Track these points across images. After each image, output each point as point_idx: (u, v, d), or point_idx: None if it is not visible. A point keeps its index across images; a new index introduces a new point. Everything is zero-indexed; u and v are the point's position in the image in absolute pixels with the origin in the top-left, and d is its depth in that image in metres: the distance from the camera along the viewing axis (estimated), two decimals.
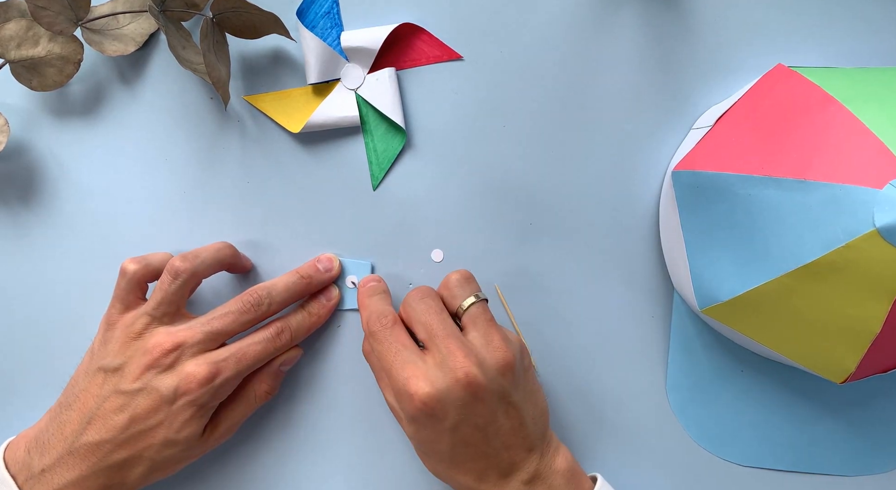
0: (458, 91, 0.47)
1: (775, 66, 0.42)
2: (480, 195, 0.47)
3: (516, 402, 0.39)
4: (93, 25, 0.46)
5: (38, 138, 0.48)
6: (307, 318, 0.45)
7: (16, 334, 0.48)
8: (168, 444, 0.40)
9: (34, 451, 0.41)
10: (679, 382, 0.47)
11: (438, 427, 0.38)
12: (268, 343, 0.42)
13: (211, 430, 0.43)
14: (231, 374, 0.41)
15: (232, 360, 0.41)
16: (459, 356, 0.37)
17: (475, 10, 0.47)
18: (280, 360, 0.44)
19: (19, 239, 0.48)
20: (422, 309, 0.40)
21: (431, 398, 0.37)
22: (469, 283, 0.42)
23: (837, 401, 0.46)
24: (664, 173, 0.47)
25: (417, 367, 0.38)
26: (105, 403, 0.40)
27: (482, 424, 0.38)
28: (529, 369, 0.42)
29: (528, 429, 0.39)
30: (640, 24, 0.46)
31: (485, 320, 0.40)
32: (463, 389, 0.37)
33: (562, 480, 0.40)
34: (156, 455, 0.40)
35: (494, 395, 0.38)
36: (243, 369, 0.41)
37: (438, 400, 0.37)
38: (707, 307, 0.41)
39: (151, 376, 0.40)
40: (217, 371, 0.40)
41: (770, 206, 0.37)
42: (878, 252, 0.33)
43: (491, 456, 0.39)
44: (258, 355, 0.42)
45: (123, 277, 0.43)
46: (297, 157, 0.48)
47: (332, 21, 0.47)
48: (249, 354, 0.42)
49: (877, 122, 0.35)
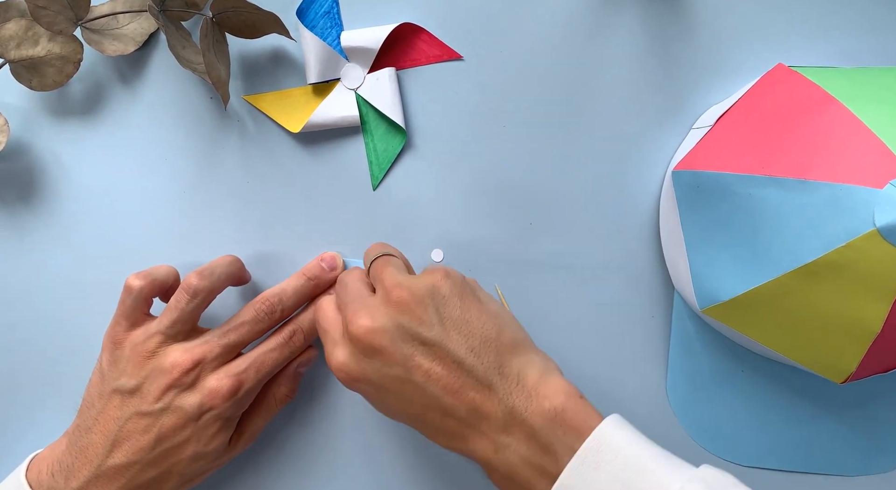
0: (458, 91, 0.47)
1: (775, 65, 0.42)
2: (480, 195, 0.47)
3: (433, 338, 0.35)
4: (92, 25, 0.46)
5: (37, 138, 0.48)
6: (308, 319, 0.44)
7: (16, 334, 0.48)
8: (197, 458, 0.40)
9: (59, 474, 0.40)
10: (679, 382, 0.47)
11: (371, 395, 0.37)
12: (283, 347, 0.42)
13: (236, 437, 0.43)
14: (252, 383, 0.41)
15: (252, 369, 0.41)
16: (354, 318, 0.36)
17: (475, 10, 0.47)
18: (297, 363, 0.44)
19: (19, 239, 0.48)
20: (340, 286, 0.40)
21: (337, 369, 0.37)
22: (381, 247, 0.43)
23: (838, 401, 0.46)
24: (664, 173, 0.47)
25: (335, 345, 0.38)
26: (127, 425, 0.40)
27: (403, 375, 0.35)
28: (465, 296, 0.37)
29: (467, 364, 0.35)
30: (640, 24, 0.46)
31: (377, 272, 0.39)
32: (357, 343, 0.36)
33: (544, 422, 0.33)
34: (185, 469, 0.40)
35: (396, 339, 0.35)
36: (263, 377, 0.42)
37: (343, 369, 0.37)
38: (707, 307, 0.41)
39: (173, 395, 0.40)
40: (240, 383, 0.40)
41: (770, 205, 0.37)
42: (878, 252, 0.33)
43: (434, 406, 0.35)
44: (276, 361, 0.42)
45: (129, 294, 0.42)
46: (297, 157, 0.48)
47: (331, 21, 0.47)
48: (268, 362, 0.42)
49: (877, 121, 0.35)
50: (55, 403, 0.48)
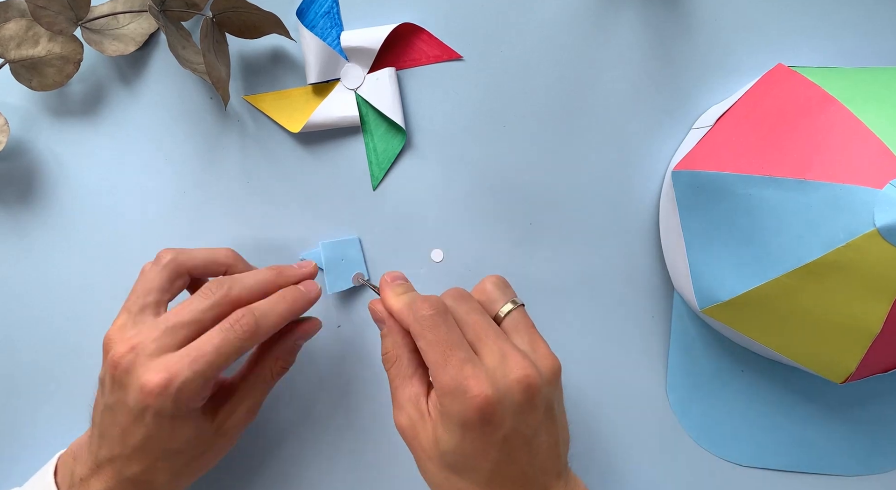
0: (458, 91, 0.47)
1: (775, 65, 0.42)
2: (480, 195, 0.47)
3: (557, 416, 0.36)
4: (93, 25, 0.46)
5: (37, 138, 0.48)
6: (278, 302, 0.39)
7: (16, 334, 0.48)
8: (171, 454, 0.38)
9: (77, 460, 0.40)
10: (679, 382, 0.47)
11: (490, 437, 0.34)
12: (226, 332, 0.37)
13: (226, 417, 0.40)
14: (189, 375, 0.35)
15: (186, 360, 0.36)
16: (517, 357, 0.34)
17: (475, 10, 0.47)
18: (296, 335, 0.41)
19: (19, 239, 0.48)
20: (465, 309, 0.36)
21: (492, 401, 0.33)
22: (507, 287, 0.39)
23: (838, 401, 0.46)
24: (664, 173, 0.47)
25: (477, 367, 0.33)
26: (102, 417, 0.39)
27: (529, 436, 0.34)
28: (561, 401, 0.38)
29: (560, 450, 0.36)
30: (640, 24, 0.46)
31: (527, 326, 0.37)
32: (522, 392, 0.34)
33: None
34: (167, 464, 0.38)
35: (544, 404, 0.35)
36: (205, 368, 0.36)
37: (499, 402, 0.33)
38: (707, 307, 0.41)
39: (117, 388, 0.37)
40: (170, 377, 0.35)
41: (770, 205, 0.37)
42: (878, 252, 0.33)
43: (529, 478, 0.35)
44: (219, 349, 0.36)
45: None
46: (297, 156, 0.48)
47: (331, 21, 0.47)
48: (207, 350, 0.36)
49: (877, 121, 0.35)
50: (55, 403, 0.48)
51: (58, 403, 0.48)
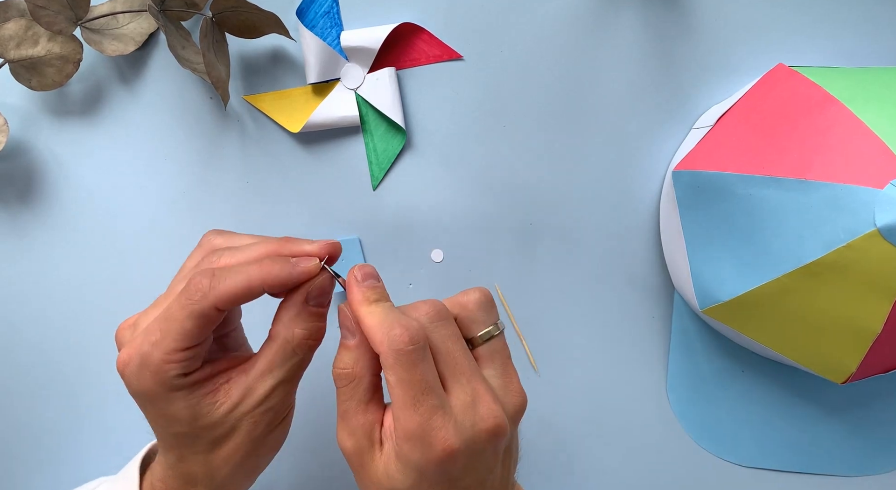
0: (458, 91, 0.47)
1: (776, 65, 0.42)
2: (480, 195, 0.47)
3: (513, 448, 0.34)
4: (92, 25, 0.46)
5: (37, 138, 0.48)
6: (247, 266, 0.33)
7: (15, 334, 0.48)
8: (183, 439, 0.35)
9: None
10: (679, 382, 0.47)
11: (444, 484, 0.31)
12: (180, 295, 0.32)
13: (242, 396, 0.34)
14: (147, 348, 0.32)
15: (142, 333, 0.33)
16: (488, 401, 0.32)
17: (476, 10, 0.47)
18: (303, 292, 0.34)
19: (19, 239, 0.48)
20: (443, 335, 0.32)
21: (457, 454, 0.30)
22: (492, 308, 0.35)
23: (838, 401, 0.46)
24: (664, 173, 0.47)
25: (447, 416, 0.31)
26: None
27: (485, 477, 0.32)
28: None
29: (511, 475, 0.35)
30: (640, 24, 0.46)
31: (504, 357, 0.34)
32: (488, 441, 0.31)
33: None
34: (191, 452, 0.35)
35: (506, 444, 0.33)
36: (160, 337, 0.32)
37: (463, 454, 0.31)
38: (708, 307, 0.41)
39: None
40: (130, 353, 0.33)
41: (771, 205, 0.37)
42: (878, 252, 0.33)
43: None
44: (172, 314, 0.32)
45: None
46: (297, 156, 0.48)
47: (331, 21, 0.47)
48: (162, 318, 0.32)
49: (878, 121, 0.35)
50: (55, 402, 0.48)
51: (58, 403, 0.48)
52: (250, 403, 0.34)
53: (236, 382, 0.35)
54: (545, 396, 0.48)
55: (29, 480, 0.49)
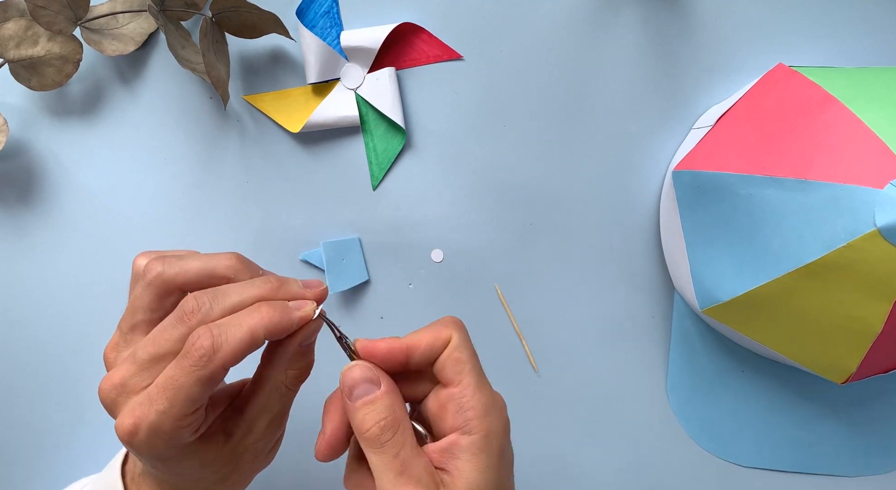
0: (458, 91, 0.47)
1: (776, 65, 0.42)
2: (480, 195, 0.47)
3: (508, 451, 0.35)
4: (92, 25, 0.46)
5: (37, 138, 0.48)
6: (248, 316, 0.31)
7: (15, 334, 0.48)
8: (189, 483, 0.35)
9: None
10: (679, 382, 0.47)
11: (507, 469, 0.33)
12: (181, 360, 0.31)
13: (243, 435, 0.35)
14: (154, 418, 0.31)
15: (147, 402, 0.31)
16: None
17: (475, 10, 0.47)
18: (298, 338, 0.34)
19: (19, 239, 0.48)
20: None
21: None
22: None
23: (838, 401, 0.46)
24: (664, 173, 0.47)
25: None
26: None
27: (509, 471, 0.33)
28: None
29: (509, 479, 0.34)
30: (640, 24, 0.46)
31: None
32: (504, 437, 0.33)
33: None
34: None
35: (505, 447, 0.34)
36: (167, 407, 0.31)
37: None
38: (708, 307, 0.41)
39: None
40: (136, 422, 0.31)
41: (771, 205, 0.37)
42: (879, 252, 0.33)
43: None
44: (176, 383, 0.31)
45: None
46: (297, 156, 0.48)
47: (331, 20, 0.47)
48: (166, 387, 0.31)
49: (878, 121, 0.35)
50: (55, 402, 0.48)
51: (57, 403, 0.48)
52: (251, 440, 0.35)
53: (235, 422, 0.35)
54: (545, 396, 0.48)
55: (29, 480, 0.49)
